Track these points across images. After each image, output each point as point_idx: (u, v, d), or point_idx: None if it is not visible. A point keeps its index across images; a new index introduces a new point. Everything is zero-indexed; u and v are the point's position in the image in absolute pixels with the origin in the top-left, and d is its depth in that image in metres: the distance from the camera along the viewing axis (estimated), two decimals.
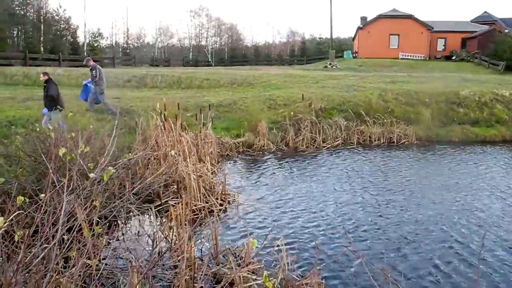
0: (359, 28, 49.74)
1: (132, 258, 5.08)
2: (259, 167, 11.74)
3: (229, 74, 25.22)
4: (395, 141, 15.47)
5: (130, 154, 8.37)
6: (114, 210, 6.08)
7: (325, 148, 14.28)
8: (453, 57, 45.51)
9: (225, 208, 8.08)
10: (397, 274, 5.61)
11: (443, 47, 48.99)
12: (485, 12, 55.88)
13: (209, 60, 59.78)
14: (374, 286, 4.81)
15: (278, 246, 5.63)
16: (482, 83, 22.72)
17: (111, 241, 6.07)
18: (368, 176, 10.96)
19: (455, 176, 11.17)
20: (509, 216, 7.98)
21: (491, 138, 16.72)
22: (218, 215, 7.64)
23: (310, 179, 10.53)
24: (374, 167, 11.97)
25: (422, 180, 10.65)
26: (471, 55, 43.11)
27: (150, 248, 5.19)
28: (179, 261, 5.00)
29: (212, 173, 9.67)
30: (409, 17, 47.88)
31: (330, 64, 38.06)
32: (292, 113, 15.09)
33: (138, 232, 6.63)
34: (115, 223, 6.47)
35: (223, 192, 8.50)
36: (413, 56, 45.80)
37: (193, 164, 8.50)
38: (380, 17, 48.44)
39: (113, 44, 66.64)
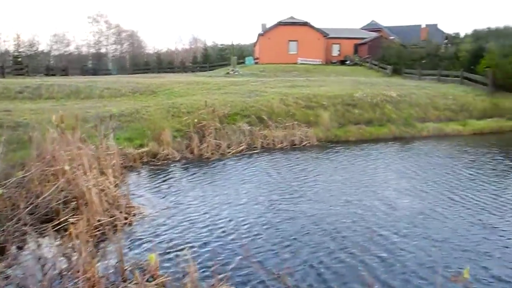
0: (260, 35, 50.98)
1: (28, 285, 4.75)
2: (164, 176, 11.56)
3: (131, 82, 24.51)
4: (297, 143, 16.06)
5: (23, 171, 7.83)
6: (5, 234, 5.64)
7: (230, 153, 14.42)
8: (347, 62, 48.39)
9: (130, 221, 7.84)
10: (293, 270, 5.92)
11: (338, 52, 51.90)
12: (373, 20, 60.39)
13: (110, 68, 57.66)
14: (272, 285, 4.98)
15: (185, 256, 5.60)
16: (373, 86, 24.40)
17: (3, 268, 5.62)
18: (271, 178, 11.31)
19: (347, 173, 11.98)
20: (389, 208, 8.76)
21: (383, 136, 18.03)
22: (123, 230, 7.40)
23: (215, 186, 10.60)
24: (276, 170, 12.35)
25: (317, 179, 11.23)
26: (363, 59, 46.13)
27: (49, 271, 4.90)
28: (82, 281, 4.78)
29: (115, 186, 9.34)
30: (306, 24, 50.04)
31: (232, 70, 38.53)
32: (196, 120, 15.08)
33: (35, 255, 6.21)
34: (8, 248, 6.01)
35: (128, 205, 8.26)
36: (311, 61, 47.88)
37: (94, 178, 8.15)
38: (279, 24, 50.06)
39: (2, 52, 61.84)
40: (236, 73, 37.55)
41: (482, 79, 26.44)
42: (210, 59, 60.91)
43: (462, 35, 65.82)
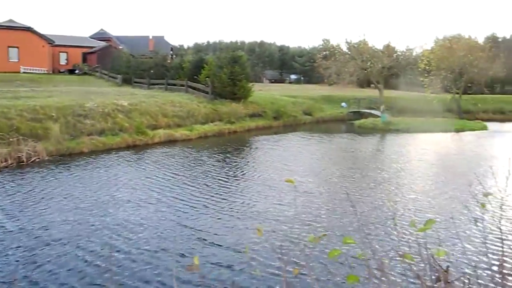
0: None
1: None
2: None
3: None
4: (25, 160, 14.93)
5: None
6: None
7: None
8: (76, 71, 46.88)
9: None
10: None
11: (66, 61, 49.77)
12: (102, 29, 59.94)
13: None
14: None
15: None
16: (104, 95, 24.57)
17: None
18: None
19: (72, 189, 11.77)
20: (103, 223, 9.03)
21: (117, 145, 18.47)
22: None
23: None
24: None
25: (42, 199, 10.76)
26: (93, 69, 45.53)
27: None
28: None
29: None
30: (28, 29, 46.21)
31: None
32: None
33: None
34: None
35: None
36: (36, 70, 44.44)
37: None
38: None
39: None
40: None
41: (204, 87, 29.68)
42: None
43: (186, 47, 71.94)
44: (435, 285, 1.95)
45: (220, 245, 7.78)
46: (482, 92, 55.41)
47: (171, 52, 52.51)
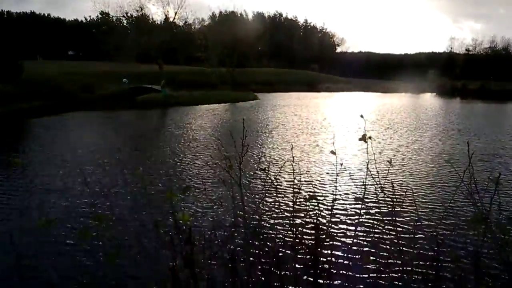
0: None
1: None
2: None
3: None
4: None
5: None
6: None
7: None
8: None
9: None
10: None
11: None
12: None
13: None
14: None
15: None
16: None
17: None
18: None
19: None
20: None
21: None
22: None
23: None
24: None
25: None
26: None
27: None
28: None
29: None
30: None
31: None
32: None
33: None
34: None
35: None
36: None
37: None
38: None
39: None
40: None
41: None
42: None
43: None
44: (184, 247, 2.19)
45: None
46: (252, 65, 61.85)
47: None
